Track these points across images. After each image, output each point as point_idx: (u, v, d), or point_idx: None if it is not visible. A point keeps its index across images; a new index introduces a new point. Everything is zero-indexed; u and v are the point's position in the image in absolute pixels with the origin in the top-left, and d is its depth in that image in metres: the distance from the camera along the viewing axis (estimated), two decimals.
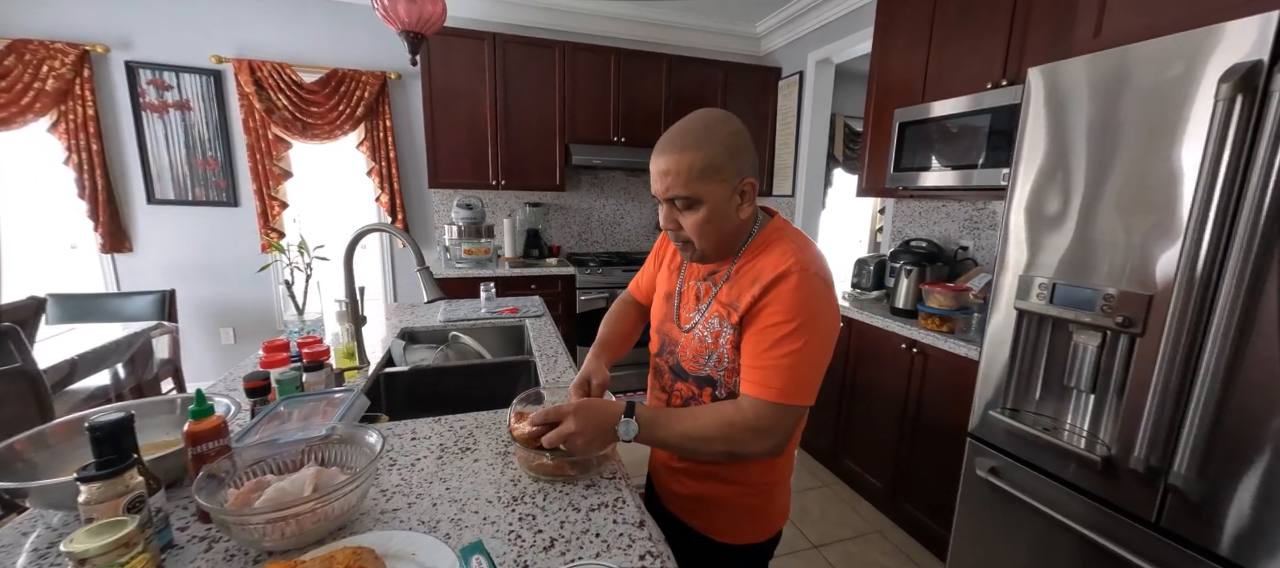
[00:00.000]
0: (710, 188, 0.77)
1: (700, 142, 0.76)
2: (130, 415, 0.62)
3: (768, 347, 0.76)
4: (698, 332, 0.87)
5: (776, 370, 0.75)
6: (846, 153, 4.62)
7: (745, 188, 0.79)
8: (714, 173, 0.77)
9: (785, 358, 0.75)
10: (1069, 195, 1.17)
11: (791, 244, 0.81)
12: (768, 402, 0.76)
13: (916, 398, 1.94)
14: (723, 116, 0.79)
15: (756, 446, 0.78)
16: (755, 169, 0.81)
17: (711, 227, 0.80)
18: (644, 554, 0.67)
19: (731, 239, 0.84)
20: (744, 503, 0.90)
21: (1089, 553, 1.17)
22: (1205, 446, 0.97)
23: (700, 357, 0.86)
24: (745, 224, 0.84)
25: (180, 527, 0.71)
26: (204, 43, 2.86)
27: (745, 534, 0.92)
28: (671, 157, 0.77)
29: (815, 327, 0.75)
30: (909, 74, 2.17)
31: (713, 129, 0.77)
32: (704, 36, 3.69)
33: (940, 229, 2.44)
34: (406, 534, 0.68)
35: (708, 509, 0.92)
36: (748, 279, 0.81)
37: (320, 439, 0.78)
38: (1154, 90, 1.02)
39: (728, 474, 0.89)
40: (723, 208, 0.79)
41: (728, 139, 0.77)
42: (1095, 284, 1.13)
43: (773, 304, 0.77)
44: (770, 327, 0.76)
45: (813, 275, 0.77)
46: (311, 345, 1.11)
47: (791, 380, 0.75)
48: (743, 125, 0.81)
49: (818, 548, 2.00)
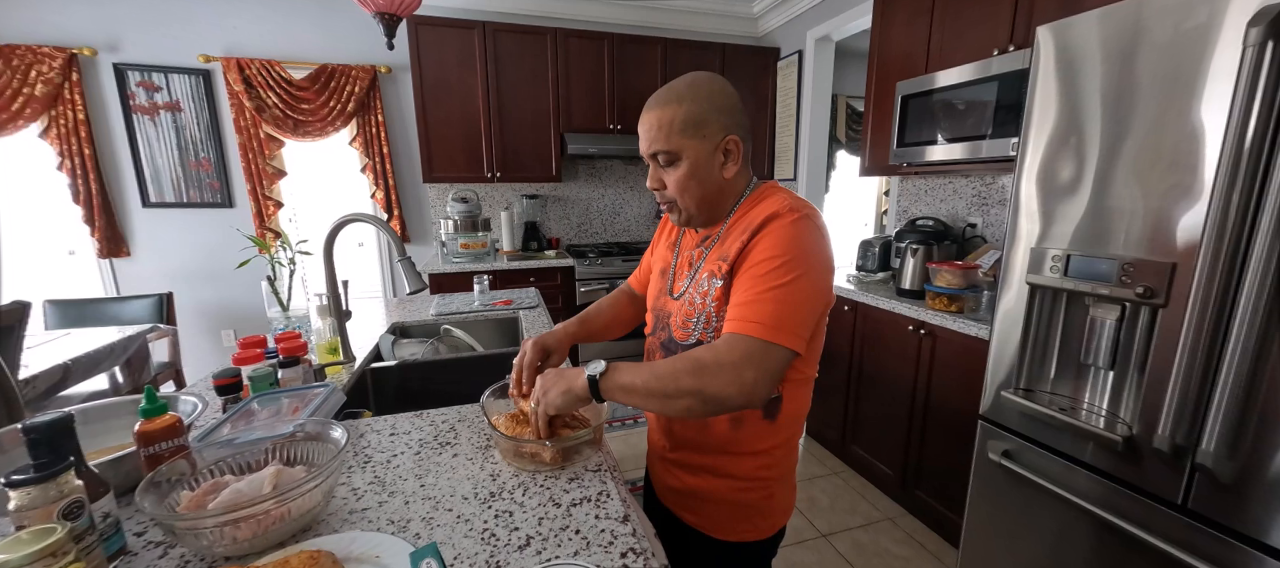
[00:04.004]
0: (691, 143, 0.75)
1: (682, 97, 0.75)
2: (69, 416, 0.58)
3: (753, 282, 0.71)
4: (688, 294, 0.83)
5: (759, 304, 0.69)
6: (849, 134, 4.52)
7: (729, 146, 0.77)
8: (695, 127, 0.75)
9: (770, 291, 0.69)
10: (1083, 161, 1.10)
11: (785, 195, 0.78)
12: (747, 336, 0.68)
13: (925, 381, 1.88)
14: (709, 76, 0.77)
15: (729, 384, 0.67)
16: (744, 131, 0.78)
17: (694, 183, 0.78)
18: (626, 552, 0.62)
19: (716, 199, 0.81)
20: (740, 499, 0.85)
21: (1109, 537, 1.11)
22: (1236, 422, 0.90)
23: (689, 322, 0.82)
24: (732, 185, 0.81)
25: (137, 532, 0.67)
26: (191, 42, 2.83)
27: (743, 532, 0.86)
28: (655, 112, 0.76)
29: (807, 263, 0.70)
30: (911, 44, 2.08)
31: (697, 85, 0.76)
32: (699, 18, 3.60)
33: (947, 207, 2.36)
34: (372, 535, 0.64)
35: (703, 505, 0.87)
36: (738, 232, 0.77)
37: (285, 437, 0.74)
38: (1174, 42, 0.95)
39: (722, 468, 0.84)
40: (705, 165, 0.77)
41: (711, 95, 0.75)
42: (1113, 254, 1.06)
43: (761, 242, 0.73)
44: (758, 263, 0.72)
45: (804, 217, 0.73)
46: (289, 341, 1.07)
47: (776, 314, 0.68)
48: (731, 87, 0.78)
49: (826, 537, 1.94)
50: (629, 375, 0.72)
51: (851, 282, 2.33)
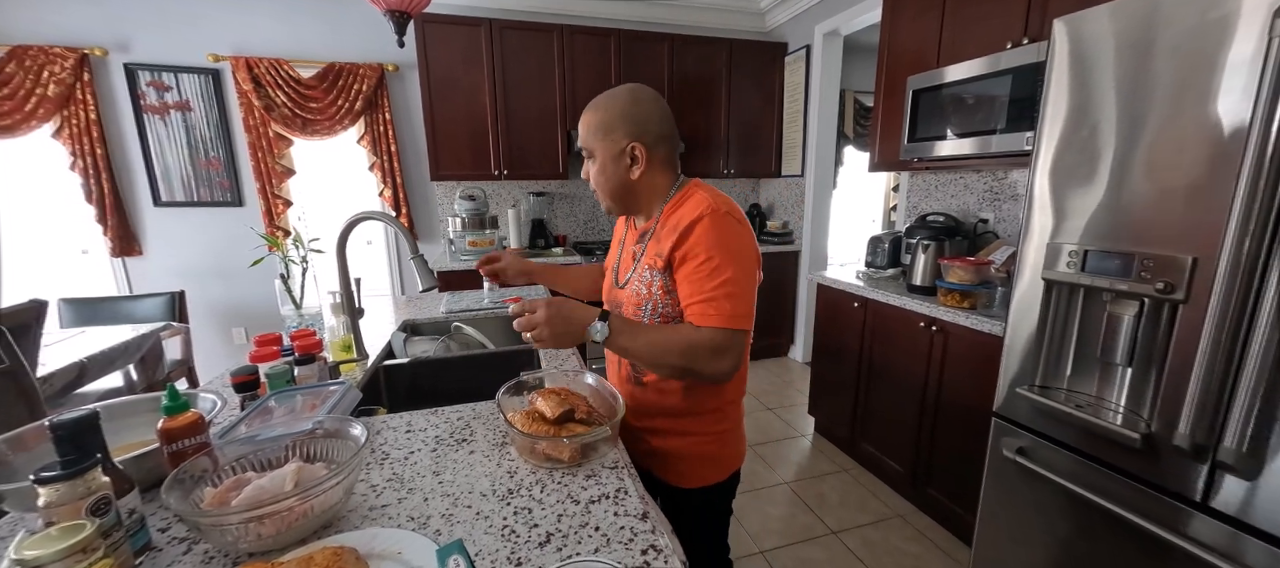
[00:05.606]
0: (601, 144, 0.91)
1: (598, 105, 0.92)
2: (95, 413, 0.58)
3: (703, 280, 0.85)
4: (633, 285, 0.97)
5: (718, 300, 0.84)
6: (857, 130, 4.49)
7: (633, 151, 0.90)
8: (605, 131, 0.90)
9: (722, 287, 0.84)
10: (1100, 154, 1.09)
11: (704, 194, 0.91)
12: (720, 327, 0.84)
13: (937, 378, 1.86)
14: (630, 89, 0.92)
15: (712, 366, 0.85)
16: (654, 139, 0.91)
17: (603, 178, 0.93)
18: (647, 549, 0.62)
19: (626, 195, 0.95)
20: (700, 452, 1.00)
21: (1126, 536, 1.10)
22: (1259, 419, 0.89)
23: (639, 309, 0.96)
24: (645, 184, 0.94)
25: (161, 528, 0.68)
26: (200, 41, 2.85)
27: (706, 477, 1.02)
28: (584, 114, 0.93)
29: (737, 257, 0.85)
30: (922, 38, 2.06)
31: (616, 96, 0.91)
32: (706, 14, 3.59)
33: (958, 202, 2.34)
34: (393, 532, 0.64)
35: (669, 460, 1.00)
36: (669, 230, 0.91)
37: (305, 434, 0.75)
38: (1195, 31, 0.93)
39: (684, 428, 0.98)
40: (612, 165, 0.92)
41: (624, 107, 0.90)
42: (1131, 249, 1.04)
43: (694, 246, 0.86)
44: (698, 265, 0.85)
45: (723, 215, 0.86)
46: (304, 338, 1.07)
47: (734, 308, 0.84)
48: (651, 99, 0.92)
49: (836, 534, 1.94)
50: (627, 340, 0.86)
51: (861, 278, 2.32)
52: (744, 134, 3.63)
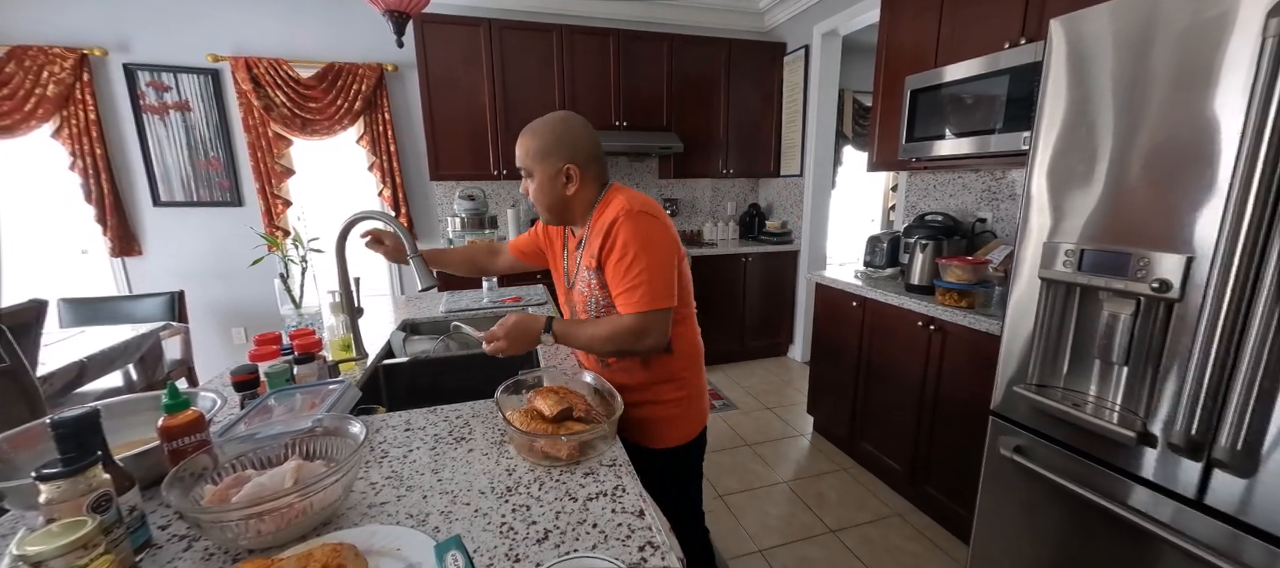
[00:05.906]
0: (540, 165, 1.03)
1: (535, 132, 1.04)
2: (96, 411, 0.59)
3: (623, 274, 0.99)
4: (579, 287, 1.13)
5: (634, 289, 0.98)
6: (856, 130, 4.49)
7: (568, 171, 1.03)
8: (543, 155, 1.03)
9: (637, 277, 0.98)
10: (1097, 154, 1.09)
11: (622, 198, 1.03)
12: (637, 311, 0.99)
13: (935, 377, 1.87)
14: (562, 116, 1.05)
15: (639, 344, 1.01)
16: (586, 160, 1.04)
17: (542, 193, 1.06)
18: (644, 546, 0.63)
19: (561, 207, 1.08)
20: (666, 415, 1.14)
21: (1122, 533, 1.10)
22: (1254, 417, 0.89)
23: (587, 308, 1.11)
24: (579, 198, 1.07)
25: (162, 525, 0.68)
26: (200, 41, 2.85)
27: (674, 438, 1.16)
28: (521, 139, 1.05)
29: (650, 247, 0.98)
30: (920, 38, 2.07)
31: (551, 123, 1.04)
32: (705, 14, 3.59)
33: (957, 202, 2.35)
34: (391, 529, 0.64)
35: (643, 427, 1.14)
36: (597, 234, 1.04)
37: (304, 432, 0.75)
38: (1189, 31, 0.94)
39: (652, 397, 1.12)
40: (549, 183, 1.04)
41: (558, 134, 1.03)
42: (1127, 248, 1.05)
43: (614, 245, 1.00)
44: (618, 261, 0.99)
45: (637, 214, 0.99)
46: (303, 338, 1.08)
47: (648, 291, 0.98)
48: (581, 125, 1.05)
49: (835, 533, 1.94)
50: (571, 340, 1.06)
51: (859, 277, 2.33)
52: (743, 134, 3.64)
